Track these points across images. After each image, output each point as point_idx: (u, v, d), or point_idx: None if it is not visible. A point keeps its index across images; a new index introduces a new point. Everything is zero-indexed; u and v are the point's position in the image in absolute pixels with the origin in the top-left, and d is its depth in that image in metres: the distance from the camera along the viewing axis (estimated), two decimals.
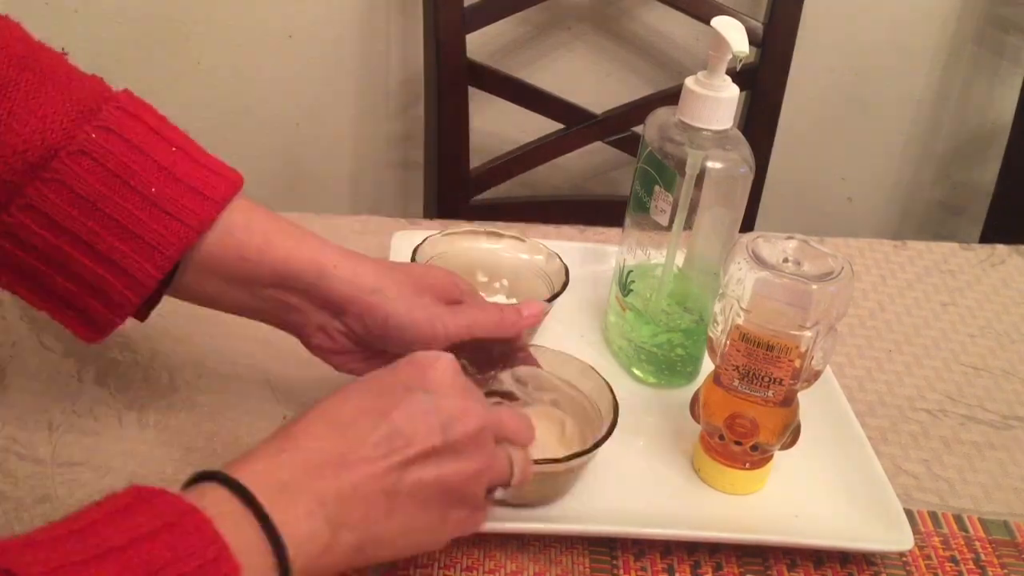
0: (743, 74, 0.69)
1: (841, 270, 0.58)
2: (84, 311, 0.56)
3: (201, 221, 0.56)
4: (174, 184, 0.55)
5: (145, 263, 0.55)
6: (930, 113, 1.55)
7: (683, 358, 0.72)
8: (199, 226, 0.56)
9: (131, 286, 0.55)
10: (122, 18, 1.32)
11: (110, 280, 0.55)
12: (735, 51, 0.63)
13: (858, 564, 0.61)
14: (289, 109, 1.43)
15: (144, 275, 0.55)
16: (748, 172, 0.66)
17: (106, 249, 0.54)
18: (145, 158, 0.55)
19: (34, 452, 0.63)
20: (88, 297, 0.55)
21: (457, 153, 1.29)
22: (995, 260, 0.94)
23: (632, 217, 0.71)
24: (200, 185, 0.56)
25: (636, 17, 1.43)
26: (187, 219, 0.55)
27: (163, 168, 0.55)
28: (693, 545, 0.61)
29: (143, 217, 0.54)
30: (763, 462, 0.63)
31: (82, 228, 0.53)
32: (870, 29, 1.46)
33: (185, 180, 0.56)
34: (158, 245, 0.55)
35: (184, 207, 0.55)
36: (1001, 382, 0.79)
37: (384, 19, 1.38)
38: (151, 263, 0.55)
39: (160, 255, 0.55)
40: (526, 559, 0.59)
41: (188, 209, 0.55)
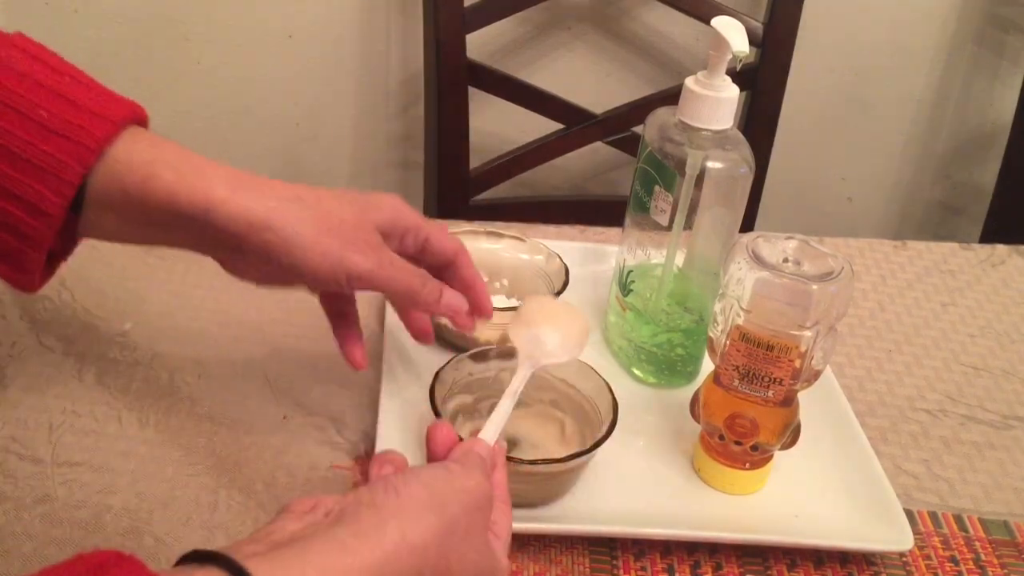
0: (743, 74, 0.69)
1: (841, 270, 0.58)
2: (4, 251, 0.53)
3: (98, 141, 0.51)
4: (67, 106, 0.51)
5: (45, 190, 0.51)
6: (930, 113, 1.55)
7: (683, 358, 0.72)
8: (96, 146, 0.51)
9: (36, 216, 0.51)
10: (122, 18, 1.32)
11: (15, 213, 0.51)
12: (735, 51, 0.63)
13: (858, 564, 0.61)
14: (289, 109, 1.43)
15: (47, 204, 0.51)
16: (748, 172, 0.66)
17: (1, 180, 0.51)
18: (33, 84, 0.51)
19: (34, 452, 0.63)
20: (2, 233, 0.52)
21: (457, 153, 1.29)
22: (995, 260, 0.94)
23: (632, 217, 0.71)
24: (95, 106, 0.52)
25: (636, 17, 1.43)
26: (83, 139, 0.51)
27: (54, 92, 0.51)
28: (693, 545, 0.61)
29: (35, 141, 0.50)
30: (763, 462, 0.63)
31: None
32: (870, 29, 1.46)
33: (78, 102, 0.52)
34: (55, 170, 0.51)
35: (79, 127, 0.51)
36: (1001, 382, 0.79)
37: (384, 19, 1.38)
38: (51, 190, 0.51)
39: (58, 180, 0.51)
40: (526, 559, 0.59)
41: (83, 129, 0.51)
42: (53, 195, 0.51)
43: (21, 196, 0.51)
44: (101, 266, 0.79)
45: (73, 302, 0.76)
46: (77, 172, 0.51)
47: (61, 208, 0.51)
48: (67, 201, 0.51)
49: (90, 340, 0.72)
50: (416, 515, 0.43)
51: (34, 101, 0.51)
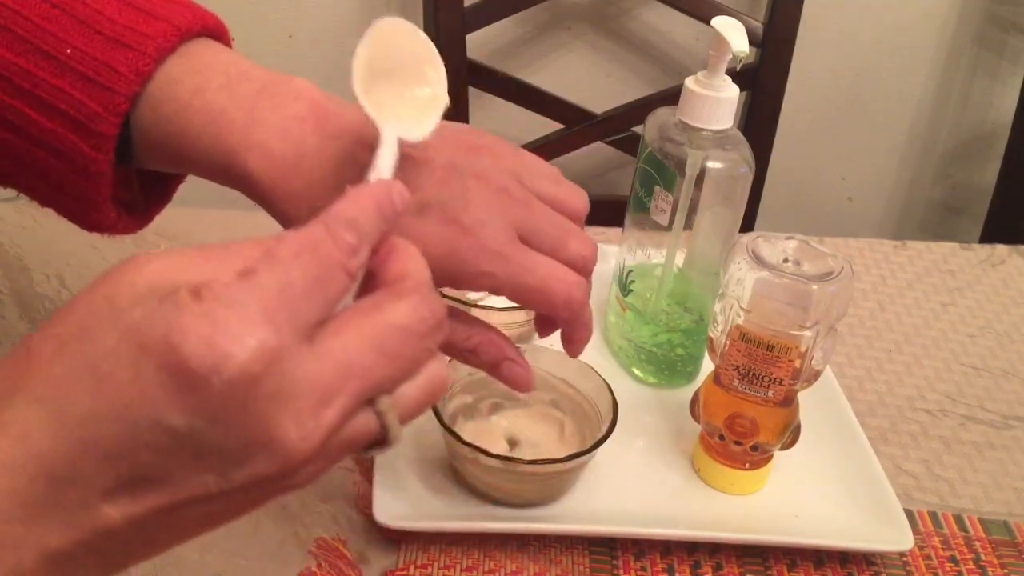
0: (743, 74, 0.69)
1: (841, 270, 0.58)
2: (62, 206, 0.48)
3: (129, 82, 0.45)
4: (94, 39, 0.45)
5: (81, 143, 0.45)
6: (930, 113, 1.55)
7: (683, 358, 0.72)
8: (127, 89, 0.45)
9: (81, 174, 0.46)
10: None
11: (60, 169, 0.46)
12: (735, 51, 0.63)
13: (858, 564, 0.61)
14: None
15: (85, 159, 0.45)
16: (748, 172, 0.66)
17: (39, 133, 0.45)
18: (59, 12, 0.45)
19: None
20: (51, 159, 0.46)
21: None
22: (995, 260, 0.94)
23: (632, 217, 0.71)
24: (127, 36, 0.45)
25: (636, 17, 1.43)
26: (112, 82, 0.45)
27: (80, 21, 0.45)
28: (693, 545, 0.61)
29: (64, 86, 0.45)
30: (763, 462, 0.63)
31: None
32: (870, 29, 1.46)
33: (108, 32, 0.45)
34: (89, 121, 0.45)
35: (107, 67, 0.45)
36: (1001, 382, 0.79)
37: None
38: (87, 143, 0.45)
39: (95, 133, 0.45)
40: (526, 559, 0.59)
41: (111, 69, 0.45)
42: (91, 150, 0.45)
43: (61, 150, 0.46)
44: (101, 266, 0.79)
45: None
46: (111, 123, 0.45)
47: (104, 163, 0.46)
48: (108, 155, 0.46)
49: None
50: None
51: (61, 37, 0.45)
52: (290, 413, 0.30)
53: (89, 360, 0.30)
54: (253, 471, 0.31)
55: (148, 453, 0.30)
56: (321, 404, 0.31)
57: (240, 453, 0.31)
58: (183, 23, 0.46)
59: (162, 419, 0.30)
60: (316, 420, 0.31)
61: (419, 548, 0.58)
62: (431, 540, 0.59)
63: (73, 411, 0.30)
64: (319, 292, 0.32)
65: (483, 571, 0.58)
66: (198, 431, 0.30)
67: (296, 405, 0.31)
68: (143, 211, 0.52)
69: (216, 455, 0.30)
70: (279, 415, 0.30)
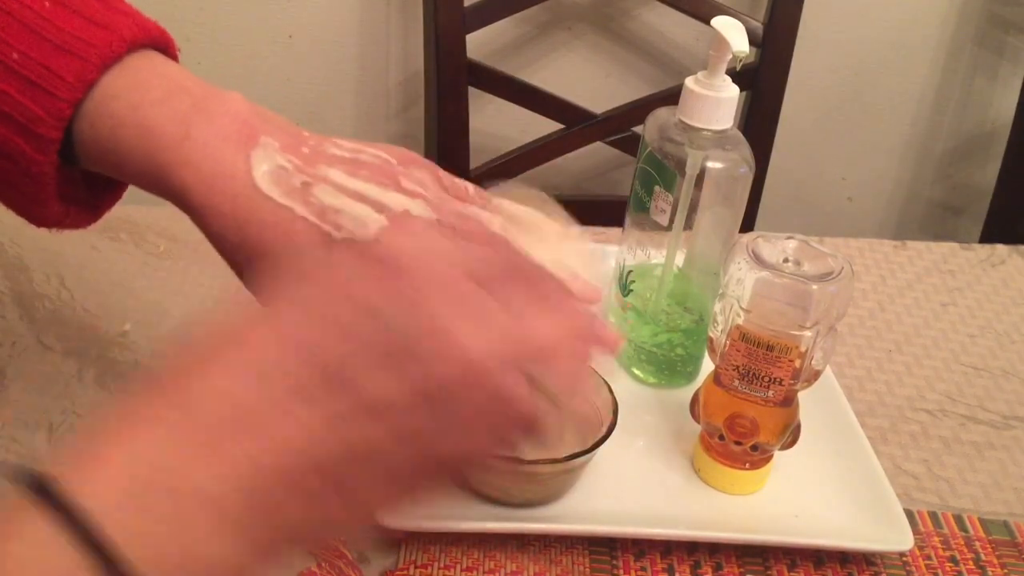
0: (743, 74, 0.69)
1: (841, 270, 0.58)
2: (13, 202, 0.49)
3: (72, 88, 0.46)
4: (41, 45, 0.46)
5: (25, 146, 0.46)
6: (930, 113, 1.55)
7: (683, 358, 0.72)
8: (70, 95, 0.46)
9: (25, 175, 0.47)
10: None
11: (9, 170, 0.47)
12: (735, 51, 0.63)
13: (858, 564, 0.61)
14: (289, 109, 1.43)
15: (28, 161, 0.46)
16: (748, 172, 0.66)
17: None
18: (7, 17, 0.46)
19: (34, 452, 0.63)
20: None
21: (457, 153, 1.29)
22: (995, 260, 0.94)
23: (632, 217, 0.71)
24: (71, 43, 0.46)
25: (636, 17, 1.43)
26: (56, 88, 0.46)
27: (27, 26, 0.46)
28: (693, 545, 0.61)
29: (9, 90, 0.46)
30: (763, 462, 0.63)
31: None
32: (870, 29, 1.46)
33: (55, 39, 0.46)
34: (32, 125, 0.46)
35: (51, 72, 0.46)
36: (1001, 382, 0.79)
37: (384, 19, 1.38)
38: (30, 146, 0.46)
39: (38, 137, 0.46)
40: (526, 559, 0.59)
41: (55, 75, 0.46)
42: (35, 152, 0.46)
43: (7, 152, 0.47)
44: (101, 266, 0.79)
45: (73, 302, 0.76)
46: (53, 127, 0.46)
47: (47, 165, 0.47)
48: (50, 157, 0.47)
49: (90, 340, 0.72)
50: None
51: (9, 42, 0.46)
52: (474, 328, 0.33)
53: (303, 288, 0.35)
54: (431, 370, 0.33)
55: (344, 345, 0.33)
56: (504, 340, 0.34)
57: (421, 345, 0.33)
58: (128, 34, 0.47)
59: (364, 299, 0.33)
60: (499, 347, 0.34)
61: (419, 548, 0.58)
62: (431, 540, 0.59)
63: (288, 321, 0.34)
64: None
65: (483, 571, 0.58)
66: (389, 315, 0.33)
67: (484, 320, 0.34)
68: (93, 207, 0.53)
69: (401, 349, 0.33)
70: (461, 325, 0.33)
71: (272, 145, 0.46)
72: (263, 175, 0.45)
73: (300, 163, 0.46)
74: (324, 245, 0.44)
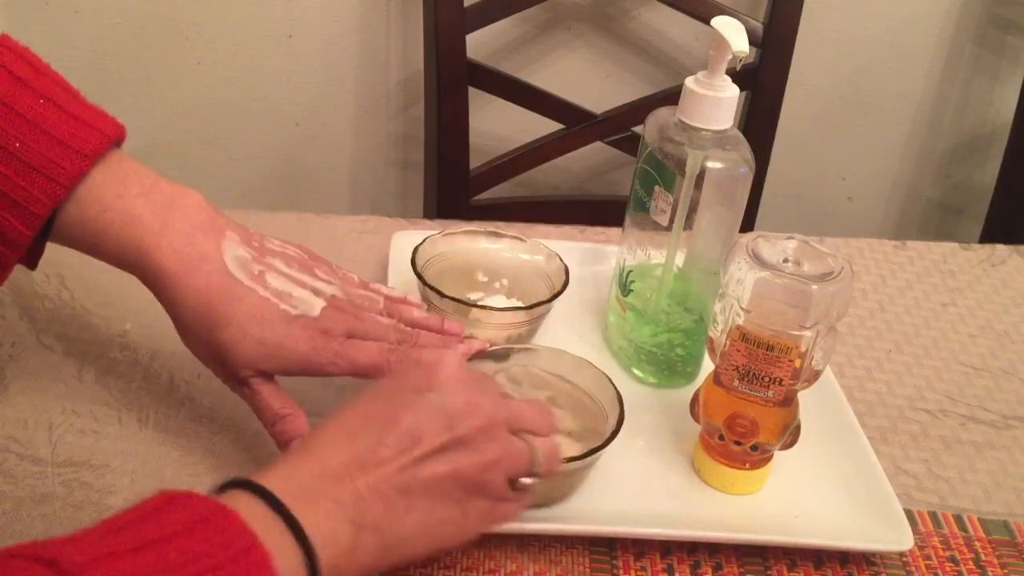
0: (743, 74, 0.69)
1: (841, 270, 0.58)
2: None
3: (71, 177, 0.55)
4: (42, 139, 0.54)
5: (15, 221, 0.54)
6: (930, 113, 1.55)
7: (683, 358, 0.72)
8: (68, 182, 0.55)
9: (5, 243, 0.55)
10: (122, 18, 1.32)
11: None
12: (735, 51, 0.63)
13: (858, 564, 0.61)
14: (289, 109, 1.43)
15: (15, 234, 0.55)
16: (748, 172, 0.66)
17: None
18: (11, 113, 0.54)
19: (34, 452, 0.63)
20: None
21: (457, 153, 1.29)
22: (995, 260, 0.94)
23: (632, 217, 0.71)
24: (69, 138, 0.55)
25: (636, 17, 1.43)
26: (55, 175, 0.54)
27: (31, 122, 0.54)
28: (693, 545, 0.61)
29: (8, 173, 0.54)
30: (763, 462, 0.63)
31: None
32: (870, 29, 1.46)
33: (53, 132, 0.55)
34: (25, 203, 0.54)
35: (52, 162, 0.54)
36: (1001, 382, 0.79)
37: (384, 19, 1.37)
38: (21, 222, 0.54)
39: (28, 213, 0.54)
40: (526, 559, 0.59)
41: (55, 164, 0.54)
42: (24, 227, 0.55)
43: (10, 195, 0.54)
44: (101, 266, 0.79)
45: (73, 302, 0.76)
46: (47, 206, 0.54)
47: (28, 238, 0.55)
48: (35, 232, 0.55)
49: (90, 340, 0.72)
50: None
51: (10, 132, 0.54)
52: (487, 394, 0.53)
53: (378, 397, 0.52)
54: (469, 423, 0.50)
55: (412, 418, 0.49)
56: (502, 398, 0.55)
57: (459, 412, 0.50)
58: (111, 133, 0.57)
59: (420, 395, 0.51)
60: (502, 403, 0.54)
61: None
62: None
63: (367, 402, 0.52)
64: None
65: (483, 571, 0.58)
66: (437, 400, 0.51)
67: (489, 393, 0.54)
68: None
69: (446, 416, 0.50)
70: (480, 394, 0.53)
71: (235, 238, 0.59)
72: (232, 260, 0.58)
73: (256, 254, 0.60)
74: (284, 320, 0.58)
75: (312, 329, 0.59)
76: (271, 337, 0.58)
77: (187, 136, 1.42)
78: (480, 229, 0.78)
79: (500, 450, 0.51)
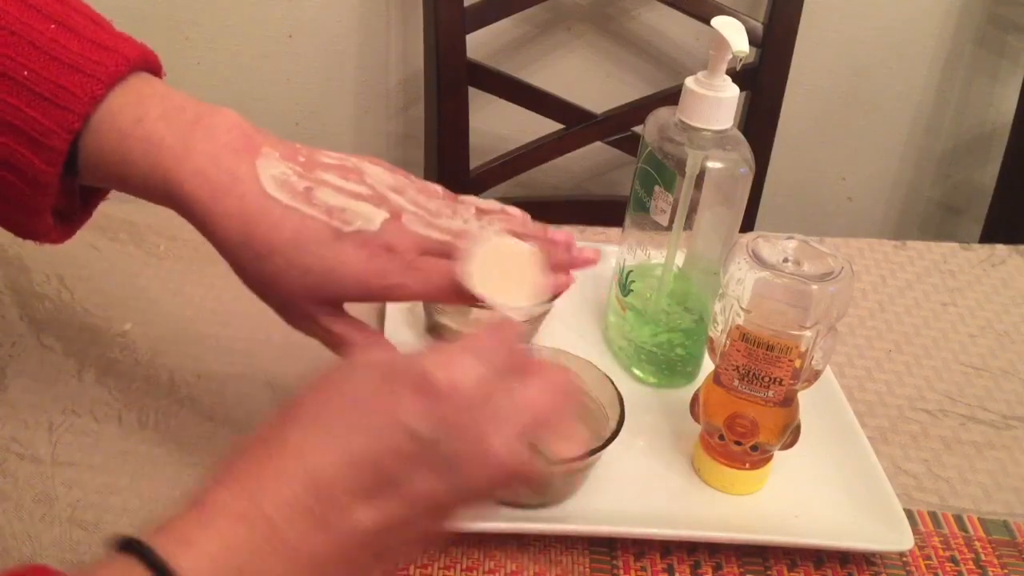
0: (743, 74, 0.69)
1: (841, 270, 0.58)
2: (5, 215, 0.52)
3: (83, 103, 0.49)
4: (50, 64, 0.49)
5: (34, 158, 0.49)
6: (930, 113, 1.55)
7: (683, 358, 0.72)
8: (82, 109, 0.49)
9: (29, 184, 0.50)
10: (122, 18, 1.31)
11: (8, 180, 0.50)
12: (735, 51, 0.63)
13: (858, 564, 0.61)
14: (289, 109, 1.43)
15: (36, 172, 0.49)
16: (748, 172, 0.66)
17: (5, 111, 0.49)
18: (16, 38, 0.49)
19: (34, 452, 0.63)
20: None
21: (457, 153, 1.29)
22: (995, 260, 0.94)
23: (632, 217, 0.71)
24: (81, 62, 0.50)
25: (636, 17, 1.43)
26: (68, 103, 0.49)
27: (37, 47, 0.49)
28: (693, 545, 0.61)
29: (19, 105, 0.49)
30: (763, 462, 0.63)
31: None
32: (870, 29, 1.46)
33: (64, 59, 0.49)
34: (42, 137, 0.49)
35: (62, 88, 0.49)
36: (1001, 382, 0.79)
37: (384, 19, 1.38)
38: (40, 158, 0.49)
39: (46, 148, 0.49)
40: (526, 559, 0.59)
41: (66, 91, 0.49)
42: (43, 163, 0.49)
43: (10, 162, 0.49)
44: (101, 266, 0.79)
45: (73, 302, 0.76)
46: (63, 139, 0.49)
47: (53, 176, 0.50)
48: (57, 167, 0.50)
49: (90, 340, 0.72)
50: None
51: (18, 60, 0.49)
52: (501, 434, 0.40)
53: (350, 396, 0.40)
54: (470, 476, 0.40)
55: (395, 460, 0.39)
56: (521, 433, 0.41)
57: (462, 460, 0.39)
58: (131, 55, 0.52)
59: (411, 427, 0.39)
60: (518, 443, 0.40)
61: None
62: None
63: (338, 431, 0.39)
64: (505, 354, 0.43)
65: (483, 571, 0.58)
66: (434, 439, 0.39)
67: (505, 429, 0.40)
68: (70, 222, 0.56)
69: (444, 463, 0.39)
70: (493, 434, 0.40)
71: (273, 155, 0.51)
72: (269, 180, 0.50)
73: (300, 170, 0.51)
74: (335, 239, 0.50)
75: (372, 246, 0.50)
76: (319, 262, 0.50)
77: None
78: None
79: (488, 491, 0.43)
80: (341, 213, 0.51)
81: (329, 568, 0.38)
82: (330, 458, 0.38)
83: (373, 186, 0.53)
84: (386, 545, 0.40)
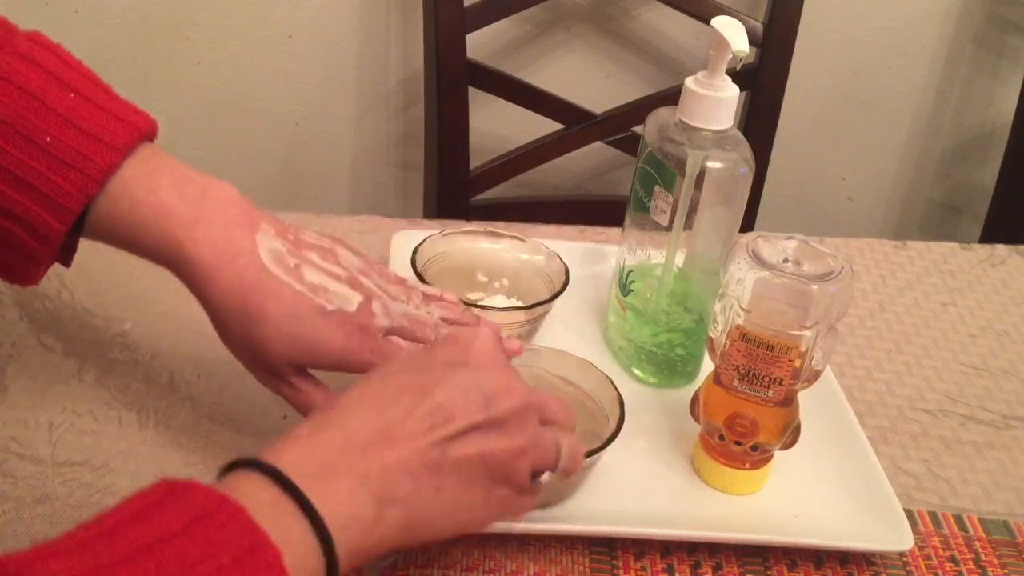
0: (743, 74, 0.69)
1: (841, 270, 0.58)
2: (4, 261, 0.56)
3: (102, 171, 0.54)
4: (73, 134, 0.54)
5: (47, 216, 0.54)
6: (930, 113, 1.55)
7: (683, 358, 0.72)
8: (100, 176, 0.54)
9: (38, 239, 0.54)
10: (122, 18, 1.32)
11: (17, 234, 0.54)
12: (735, 51, 0.63)
13: (858, 564, 0.61)
14: (289, 109, 1.43)
15: (47, 229, 0.54)
16: (748, 172, 0.66)
17: (4, 202, 0.53)
18: (43, 108, 0.53)
19: (34, 452, 0.63)
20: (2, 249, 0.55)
21: (457, 153, 1.29)
22: (995, 260, 0.94)
23: (632, 217, 0.71)
24: (101, 131, 0.54)
25: (636, 17, 1.43)
26: (87, 169, 0.53)
27: (62, 117, 0.54)
28: (693, 545, 0.61)
29: (40, 168, 0.53)
30: (763, 462, 0.63)
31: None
32: (870, 29, 1.46)
33: (84, 127, 0.54)
34: (58, 198, 0.53)
35: (84, 156, 0.53)
36: (1001, 382, 0.79)
37: (384, 19, 1.37)
38: (53, 217, 0.54)
39: (61, 208, 0.54)
40: (526, 559, 0.59)
41: (86, 158, 0.53)
42: (56, 222, 0.54)
43: (24, 219, 0.54)
44: (101, 266, 0.79)
45: (73, 302, 0.76)
46: (79, 201, 0.54)
47: (61, 233, 0.54)
48: (67, 227, 0.54)
49: (90, 340, 0.72)
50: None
51: (40, 126, 0.53)
52: (517, 375, 0.52)
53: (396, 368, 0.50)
54: (505, 404, 0.49)
55: (445, 393, 0.48)
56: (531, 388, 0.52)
57: (495, 391, 0.49)
58: (142, 127, 0.56)
59: (454, 369, 0.49)
60: (533, 390, 0.52)
61: (419, 548, 0.58)
62: None
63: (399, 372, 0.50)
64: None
65: (483, 571, 0.58)
66: (472, 376, 0.49)
67: (518, 373, 0.52)
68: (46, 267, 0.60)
69: (482, 395, 0.48)
70: (515, 376, 0.52)
71: (270, 231, 0.57)
72: (267, 253, 0.56)
73: (291, 247, 0.58)
74: (320, 315, 0.56)
75: (349, 325, 0.57)
76: (307, 333, 0.56)
77: (187, 136, 1.42)
78: (480, 229, 0.78)
79: (531, 438, 0.50)
80: (325, 292, 0.57)
81: (399, 477, 0.45)
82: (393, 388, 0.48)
83: (347, 268, 0.59)
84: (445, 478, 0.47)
